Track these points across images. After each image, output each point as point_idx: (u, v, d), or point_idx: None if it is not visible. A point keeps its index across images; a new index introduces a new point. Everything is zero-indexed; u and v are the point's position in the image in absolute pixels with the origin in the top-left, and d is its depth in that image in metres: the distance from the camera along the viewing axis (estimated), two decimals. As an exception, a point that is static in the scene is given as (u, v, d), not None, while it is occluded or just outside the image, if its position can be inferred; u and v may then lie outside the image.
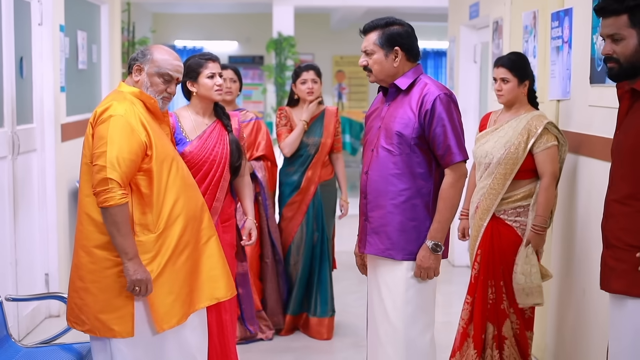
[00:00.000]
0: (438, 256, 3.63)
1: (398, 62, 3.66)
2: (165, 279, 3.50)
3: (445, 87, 3.66)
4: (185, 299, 3.58)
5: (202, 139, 4.29)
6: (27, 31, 5.73)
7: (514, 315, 4.55)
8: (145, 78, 3.59)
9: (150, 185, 3.47)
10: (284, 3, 12.04)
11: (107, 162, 3.33)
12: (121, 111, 3.42)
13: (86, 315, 3.49)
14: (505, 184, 4.48)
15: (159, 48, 3.64)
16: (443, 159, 3.60)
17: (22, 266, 5.49)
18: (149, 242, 3.47)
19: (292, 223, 5.74)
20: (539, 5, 5.29)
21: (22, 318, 5.45)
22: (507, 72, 4.54)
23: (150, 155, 3.46)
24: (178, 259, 3.54)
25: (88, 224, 3.47)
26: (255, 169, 5.53)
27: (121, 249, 3.38)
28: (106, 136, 3.37)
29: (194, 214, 3.62)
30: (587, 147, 4.48)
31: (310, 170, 5.70)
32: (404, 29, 3.68)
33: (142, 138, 3.43)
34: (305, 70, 5.67)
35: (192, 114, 4.37)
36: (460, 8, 8.16)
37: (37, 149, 5.85)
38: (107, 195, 3.33)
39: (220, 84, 4.35)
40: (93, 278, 3.47)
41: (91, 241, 3.47)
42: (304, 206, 5.71)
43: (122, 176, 3.35)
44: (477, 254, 4.58)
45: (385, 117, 3.70)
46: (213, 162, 4.27)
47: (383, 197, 3.66)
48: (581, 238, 4.53)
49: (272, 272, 5.70)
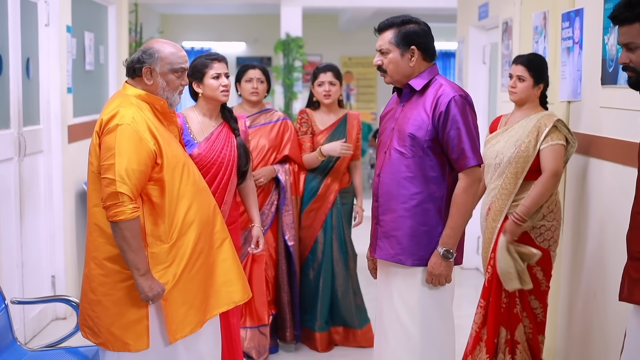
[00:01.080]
0: (450, 263, 3.53)
1: (414, 62, 3.57)
2: (181, 289, 3.41)
3: (461, 89, 3.57)
4: (200, 307, 3.49)
5: (210, 141, 4.24)
6: (34, 32, 5.70)
7: (527, 320, 4.51)
8: (159, 79, 3.44)
9: (162, 195, 3.37)
10: (292, 4, 12.01)
11: (117, 175, 3.22)
12: (128, 119, 3.29)
13: (99, 328, 3.41)
14: (516, 183, 4.43)
15: (160, 43, 3.48)
16: (457, 162, 3.51)
17: (29, 268, 5.46)
18: (162, 253, 3.37)
19: (310, 232, 5.40)
20: (549, 6, 5.25)
21: (28, 320, 5.42)
22: (524, 70, 4.50)
23: (161, 164, 3.35)
24: (193, 268, 3.45)
25: (98, 236, 3.39)
26: (279, 173, 5.20)
27: (133, 264, 3.27)
28: (114, 147, 3.25)
29: (207, 219, 3.52)
30: (597, 149, 4.43)
31: (329, 177, 5.40)
32: (420, 28, 3.59)
33: (151, 147, 3.31)
34: (322, 72, 5.38)
35: (199, 115, 4.32)
36: (469, 8, 8.12)
37: (43, 150, 5.82)
38: (117, 209, 3.22)
39: (226, 85, 4.29)
40: (105, 291, 3.39)
41: (102, 253, 3.39)
42: (322, 214, 5.40)
43: (132, 189, 3.24)
44: (491, 257, 4.53)
45: (399, 118, 3.62)
46: (221, 164, 4.23)
47: (394, 201, 3.57)
48: (592, 241, 4.48)
49: (284, 283, 5.36)
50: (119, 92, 3.54)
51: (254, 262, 4.98)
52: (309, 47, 12.90)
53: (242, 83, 5.20)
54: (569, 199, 4.83)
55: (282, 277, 5.34)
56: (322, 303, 5.44)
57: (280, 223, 5.26)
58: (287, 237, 5.26)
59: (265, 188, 5.15)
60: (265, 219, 5.14)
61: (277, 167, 5.20)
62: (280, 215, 5.24)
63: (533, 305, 4.51)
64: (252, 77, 5.13)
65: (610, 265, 4.16)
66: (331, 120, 5.44)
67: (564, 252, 4.89)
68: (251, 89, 5.13)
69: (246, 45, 16.28)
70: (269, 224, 5.19)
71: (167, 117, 3.54)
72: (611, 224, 4.20)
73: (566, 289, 4.85)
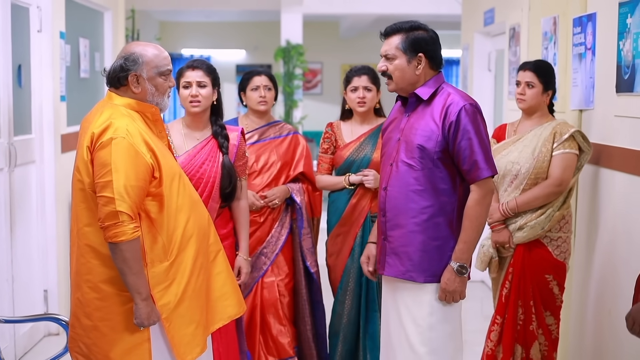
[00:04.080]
0: (464, 279, 3.39)
1: (420, 70, 3.42)
2: (185, 308, 3.21)
3: (470, 97, 3.42)
4: (206, 325, 3.31)
5: (190, 155, 3.96)
6: (25, 38, 5.56)
7: (543, 337, 4.35)
8: (147, 85, 3.22)
9: (160, 210, 3.16)
10: (293, 11, 11.93)
11: (115, 192, 3.01)
12: (122, 132, 3.07)
13: (96, 356, 3.18)
14: None
15: (140, 46, 3.24)
16: (469, 174, 3.35)
17: (20, 283, 5.28)
18: (161, 272, 3.16)
19: (338, 260, 4.60)
20: (560, 11, 5.10)
21: (19, 337, 5.24)
22: (533, 76, 4.33)
23: (159, 178, 3.14)
24: (196, 284, 3.25)
25: (91, 257, 3.16)
26: (293, 192, 4.62)
27: (134, 288, 3.06)
28: (110, 163, 3.03)
29: (203, 231, 3.33)
30: (609, 159, 4.31)
31: (355, 197, 4.52)
32: (428, 35, 3.45)
33: (148, 160, 3.10)
34: (356, 75, 4.56)
35: (184, 128, 4.06)
36: (474, 14, 7.97)
37: (35, 160, 5.67)
38: (117, 229, 3.01)
39: (195, 95, 3.98)
40: (102, 316, 3.16)
41: (97, 276, 3.16)
42: (350, 240, 4.56)
43: (132, 207, 3.03)
44: (509, 271, 4.36)
45: (405, 129, 3.45)
46: (200, 179, 3.93)
47: (403, 215, 3.41)
48: (605, 255, 4.35)
49: (307, 314, 4.68)
50: (104, 101, 3.29)
51: (264, 289, 4.59)
52: (310, 55, 12.80)
53: (247, 92, 4.63)
54: (581, 210, 4.68)
55: (303, 308, 4.68)
56: (343, 347, 4.62)
57: (298, 247, 4.66)
58: (309, 264, 4.64)
59: (274, 209, 4.61)
60: (275, 243, 4.62)
61: (291, 186, 4.67)
62: (299, 239, 4.66)
63: (548, 322, 4.36)
64: (259, 85, 4.58)
65: (624, 280, 4.03)
66: (364, 130, 4.61)
67: (575, 266, 4.76)
68: (258, 98, 4.59)
69: (246, 52, 16.30)
70: (280, 247, 4.60)
71: (158, 124, 3.33)
72: (624, 237, 4.10)
73: (578, 305, 4.72)
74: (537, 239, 4.29)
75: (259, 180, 4.57)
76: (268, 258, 4.57)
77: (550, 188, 4.23)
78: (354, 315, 4.58)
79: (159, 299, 3.15)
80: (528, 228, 4.26)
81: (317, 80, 16.52)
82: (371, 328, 4.55)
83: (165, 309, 3.17)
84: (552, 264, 4.30)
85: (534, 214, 4.26)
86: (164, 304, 3.16)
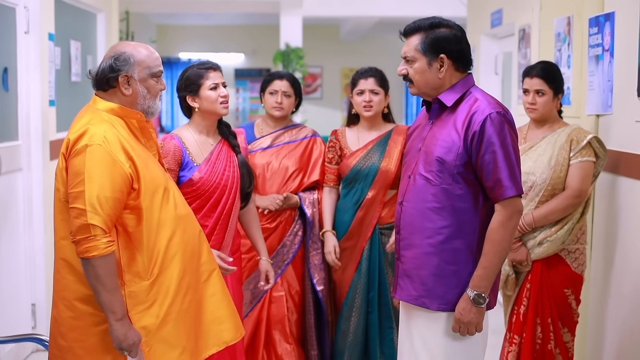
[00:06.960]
0: (481, 309, 3.02)
1: (444, 73, 3.07)
2: (168, 332, 2.97)
3: (499, 104, 3.08)
4: (193, 350, 3.06)
5: (210, 162, 3.75)
6: (12, 40, 5.31)
7: (560, 356, 4.09)
8: (139, 87, 3.01)
9: (139, 224, 2.93)
10: (292, 14, 11.82)
11: (87, 204, 2.79)
12: (98, 139, 2.86)
13: None
14: None
15: (131, 46, 3.04)
16: (492, 192, 3.00)
17: (6, 297, 5.05)
18: (141, 292, 2.93)
19: (344, 276, 4.37)
20: (574, 10, 4.88)
21: (4, 354, 5.00)
22: (543, 83, 4.06)
23: (138, 189, 2.91)
24: (182, 305, 3.01)
25: (67, 273, 2.94)
26: (304, 203, 4.39)
27: (108, 307, 2.84)
28: (83, 172, 2.82)
29: (192, 249, 3.08)
30: (629, 167, 4.10)
31: (362, 209, 4.32)
32: (452, 32, 3.09)
33: (126, 170, 2.87)
34: (362, 77, 4.35)
35: (195, 134, 3.82)
36: (480, 16, 7.77)
37: (22, 168, 5.42)
38: (88, 244, 2.79)
39: (225, 95, 3.82)
40: (76, 336, 2.95)
41: (71, 293, 2.94)
42: (357, 254, 4.34)
43: (105, 220, 2.81)
44: (527, 288, 4.10)
45: (426, 138, 3.13)
46: (225, 187, 3.75)
47: (418, 235, 3.07)
48: (624, 269, 4.15)
49: (313, 336, 4.44)
50: (88, 106, 3.07)
51: (272, 303, 4.35)
52: (310, 58, 12.65)
53: (265, 94, 4.48)
54: (597, 220, 4.45)
55: (309, 330, 4.46)
56: None
57: (305, 262, 4.43)
58: (316, 281, 4.39)
59: (288, 215, 4.39)
60: (287, 252, 4.39)
61: (304, 195, 4.42)
62: (306, 253, 4.43)
63: (565, 339, 4.13)
64: (277, 90, 4.41)
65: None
66: (371, 137, 4.40)
67: (592, 279, 4.54)
68: (274, 103, 4.41)
69: (245, 56, 16.27)
70: (291, 258, 4.40)
71: (145, 132, 3.09)
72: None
73: (595, 322, 4.50)
74: (556, 252, 4.03)
75: (267, 188, 4.37)
76: (279, 267, 4.34)
77: (569, 200, 3.97)
78: (361, 333, 4.35)
79: (137, 321, 2.92)
80: (548, 243, 4.01)
81: (317, 85, 16.36)
82: (387, 348, 4.33)
83: (144, 332, 2.93)
84: (571, 278, 4.07)
85: (553, 227, 4.01)
86: (143, 326, 2.93)
